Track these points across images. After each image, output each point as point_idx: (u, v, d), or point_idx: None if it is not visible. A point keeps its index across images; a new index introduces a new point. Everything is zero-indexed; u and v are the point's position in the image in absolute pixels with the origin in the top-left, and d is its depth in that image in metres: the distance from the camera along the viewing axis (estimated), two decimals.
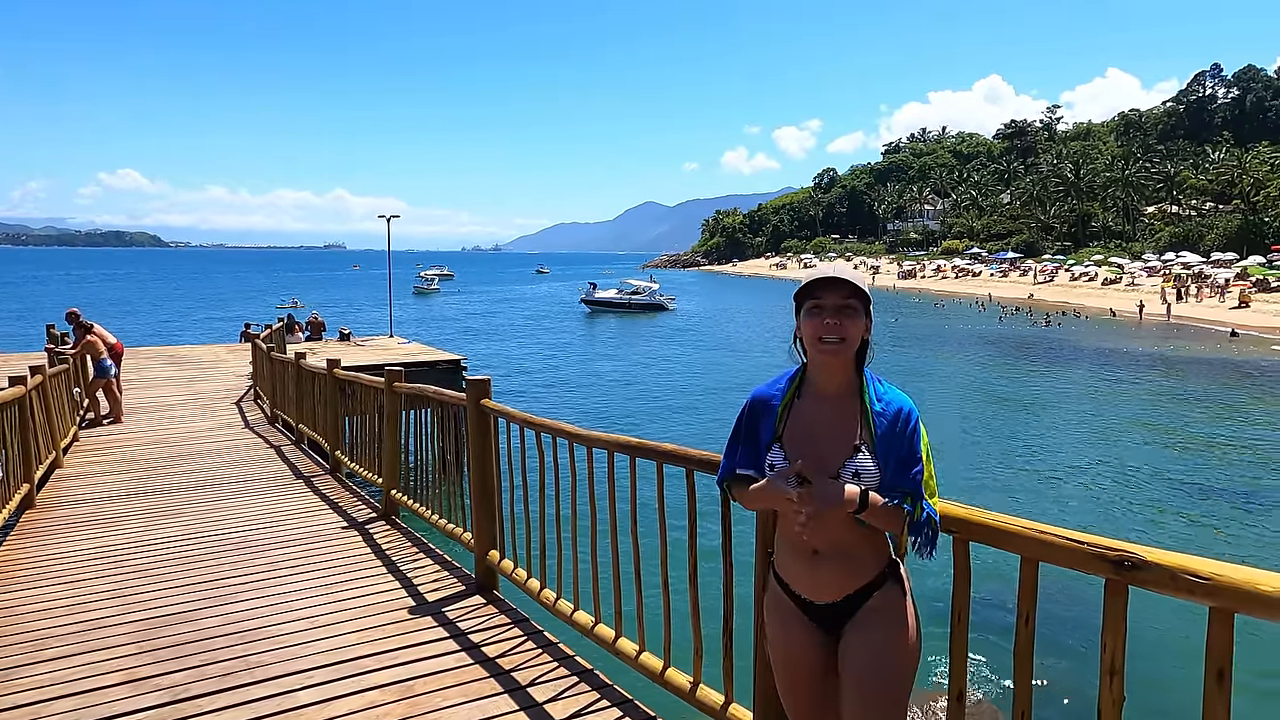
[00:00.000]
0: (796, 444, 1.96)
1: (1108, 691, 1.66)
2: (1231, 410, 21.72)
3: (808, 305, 1.96)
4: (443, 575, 4.90)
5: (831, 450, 1.93)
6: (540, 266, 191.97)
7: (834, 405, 1.97)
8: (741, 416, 2.11)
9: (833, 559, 1.95)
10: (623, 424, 19.67)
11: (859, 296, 1.94)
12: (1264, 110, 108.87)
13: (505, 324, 50.10)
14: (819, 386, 2.00)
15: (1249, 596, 1.40)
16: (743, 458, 2.09)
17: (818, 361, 1.97)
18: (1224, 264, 61.96)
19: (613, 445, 3.25)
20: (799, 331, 1.99)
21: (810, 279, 1.96)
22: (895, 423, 1.92)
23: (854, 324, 1.92)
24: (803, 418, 1.99)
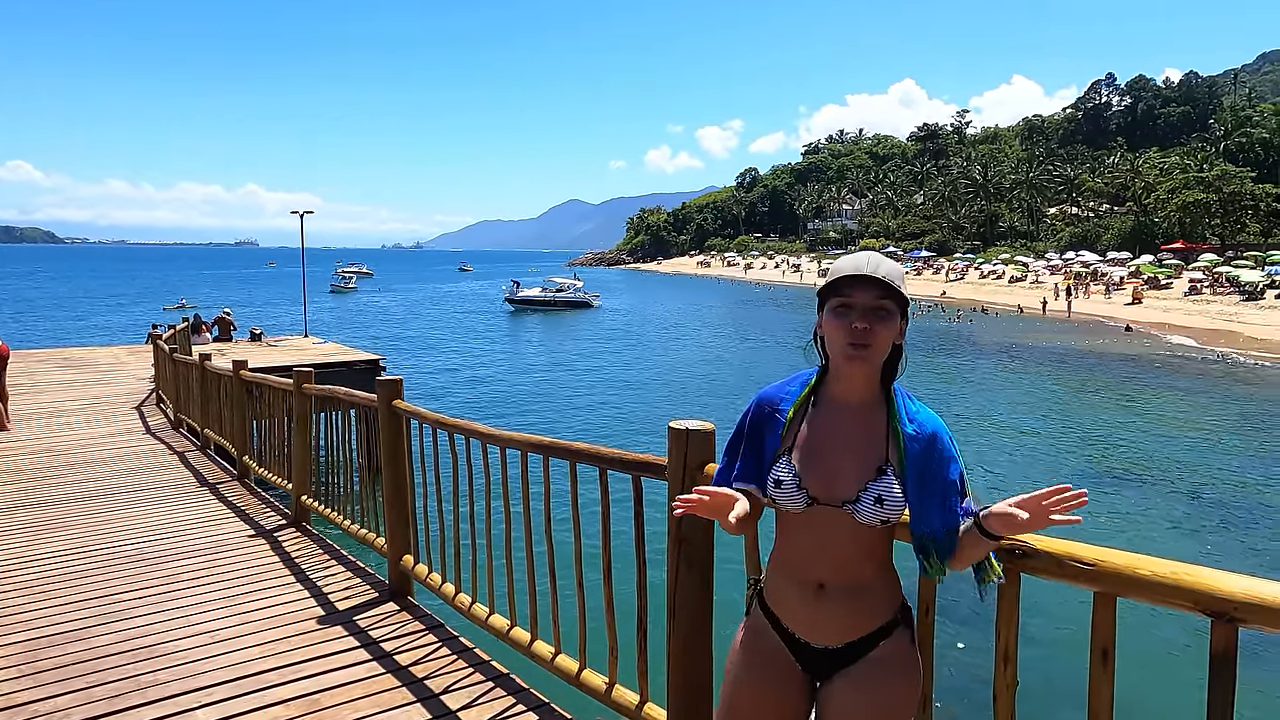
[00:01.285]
0: (813, 459, 1.68)
1: (1002, 677, 1.70)
2: (1127, 400, 22.99)
3: (833, 304, 1.67)
4: (355, 583, 4.75)
5: (850, 469, 1.65)
6: (463, 264, 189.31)
7: (856, 417, 1.70)
8: (745, 420, 1.81)
9: (841, 595, 1.67)
10: (547, 423, 19.54)
11: (895, 297, 1.64)
12: (1153, 118, 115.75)
13: (427, 323, 49.16)
14: (839, 395, 1.72)
15: (1129, 580, 1.45)
16: (743, 468, 1.78)
17: (841, 370, 1.69)
18: (1119, 263, 65.62)
19: (525, 445, 3.20)
20: (820, 329, 1.73)
21: (838, 275, 1.66)
22: (931, 449, 1.65)
23: (886, 328, 1.63)
24: (818, 428, 1.71)
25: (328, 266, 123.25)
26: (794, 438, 1.72)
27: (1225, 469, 15.62)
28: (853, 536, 1.65)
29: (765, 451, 1.75)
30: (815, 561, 1.67)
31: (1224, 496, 13.83)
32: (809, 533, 1.68)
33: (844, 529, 1.65)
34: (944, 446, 1.66)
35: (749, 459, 1.78)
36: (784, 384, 1.81)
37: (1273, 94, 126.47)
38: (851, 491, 1.64)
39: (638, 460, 2.64)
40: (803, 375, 1.80)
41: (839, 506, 1.64)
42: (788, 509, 1.69)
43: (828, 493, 1.65)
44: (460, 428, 3.71)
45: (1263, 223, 65.60)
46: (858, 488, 1.63)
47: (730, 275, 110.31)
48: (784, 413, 1.75)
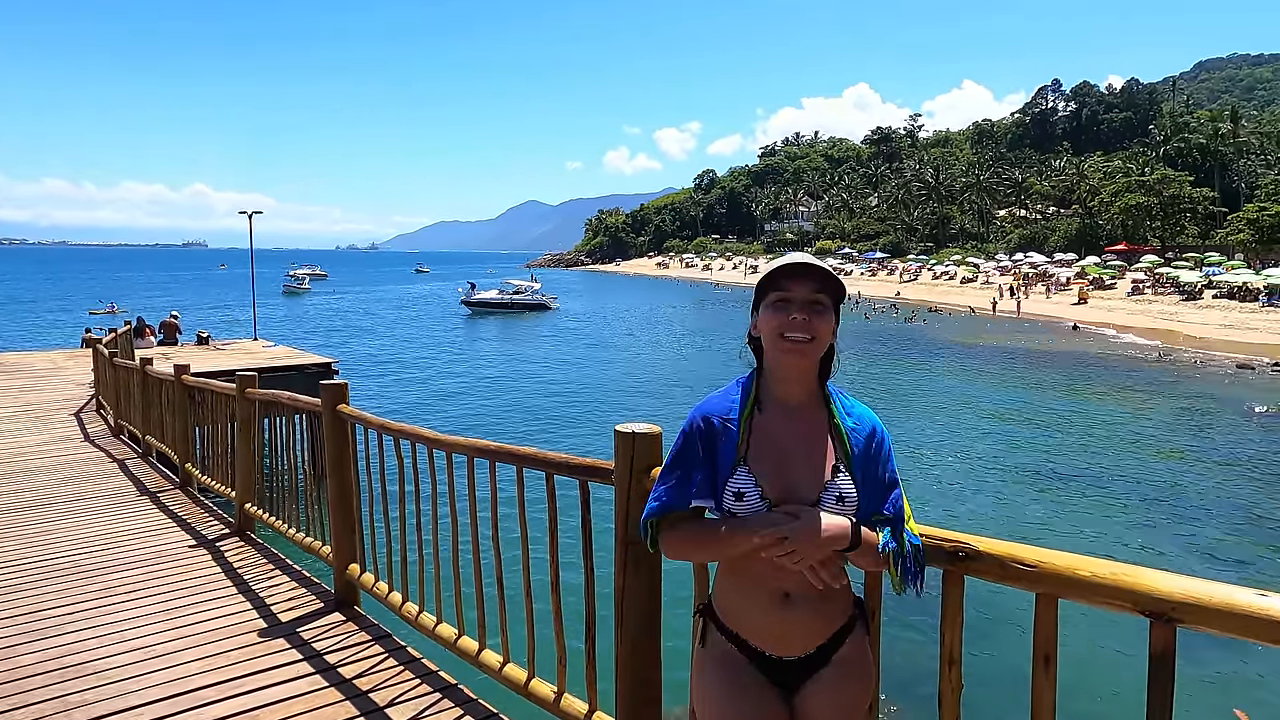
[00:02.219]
0: (768, 465, 1.65)
1: (947, 680, 1.69)
2: (1073, 397, 23.57)
3: (772, 298, 1.66)
4: (300, 593, 4.61)
5: (809, 471, 1.64)
6: (419, 265, 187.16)
7: (801, 417, 1.69)
8: (692, 437, 1.71)
9: (807, 603, 1.64)
10: (502, 427, 19.36)
11: (831, 291, 1.65)
12: (1097, 123, 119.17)
13: (381, 325, 48.46)
14: (780, 395, 1.70)
15: (1070, 582, 1.44)
16: (700, 488, 1.70)
17: (778, 363, 1.67)
18: (1065, 264, 67.38)
19: (471, 450, 3.12)
20: (755, 328, 1.71)
21: (776, 266, 1.67)
22: (870, 442, 1.68)
23: (824, 322, 1.64)
24: (768, 433, 1.68)
25: (281, 268, 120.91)
26: (746, 445, 1.68)
27: (1167, 465, 16.08)
28: None
29: (720, 466, 1.68)
30: (778, 572, 1.61)
31: (1167, 493, 14.24)
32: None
33: None
34: (879, 437, 1.70)
35: (704, 476, 1.70)
36: (725, 394, 1.75)
37: (1209, 101, 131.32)
38: (813, 493, 1.63)
39: (584, 464, 2.59)
40: (741, 382, 1.75)
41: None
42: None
43: (789, 498, 1.63)
44: (405, 432, 3.62)
45: (1200, 225, 67.90)
46: (818, 489, 1.63)
47: (690, 276, 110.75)
48: (735, 423, 1.69)
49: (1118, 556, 1.44)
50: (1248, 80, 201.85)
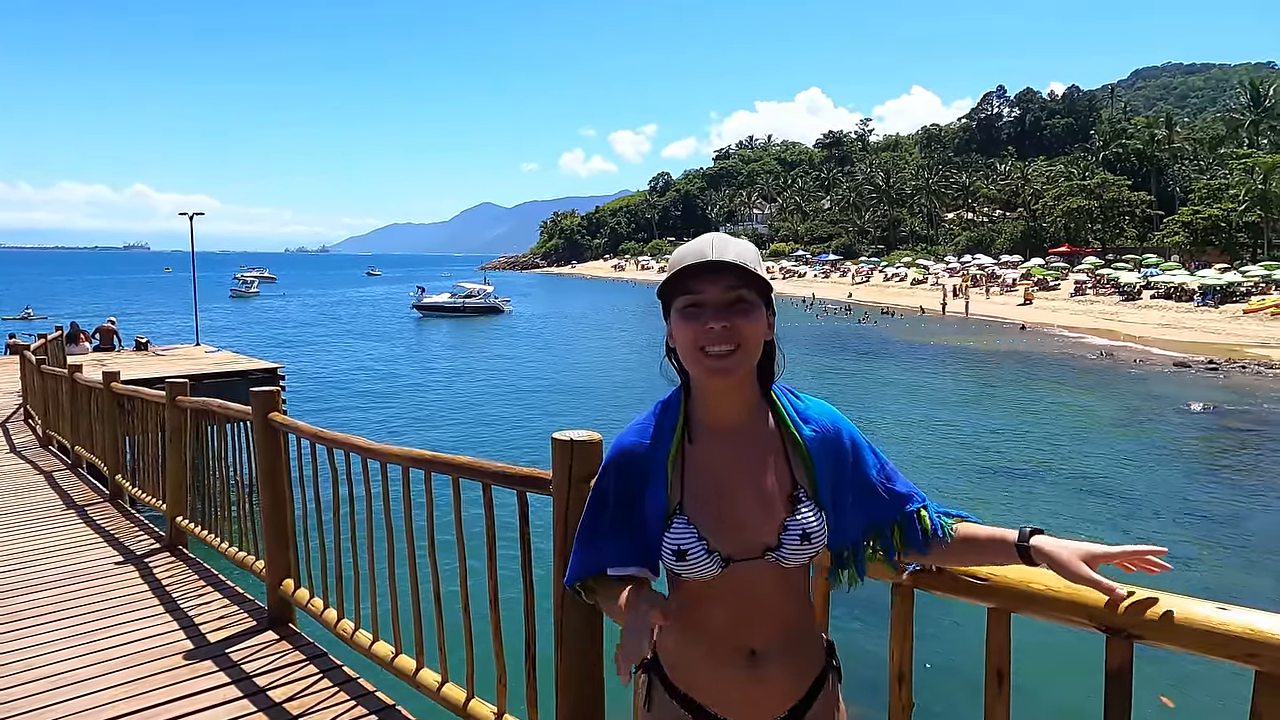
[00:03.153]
0: (706, 509, 1.35)
1: (896, 698, 1.61)
2: (1022, 395, 24.06)
3: (680, 304, 1.33)
4: (232, 611, 4.39)
5: (760, 508, 1.35)
6: (371, 269, 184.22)
7: (744, 441, 1.38)
8: (605, 484, 1.43)
9: (778, 656, 1.37)
10: (452, 435, 19.06)
11: (753, 283, 1.31)
12: (1040, 128, 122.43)
13: (331, 330, 47.50)
14: (712, 419, 1.38)
15: (1022, 595, 1.37)
16: (617, 550, 1.41)
17: (704, 385, 1.36)
18: (1011, 265, 69.11)
19: (406, 460, 2.97)
20: (671, 341, 1.38)
21: (678, 265, 1.33)
22: (837, 445, 1.40)
23: (750, 324, 1.30)
24: (704, 468, 1.37)
25: (228, 271, 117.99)
26: (679, 489, 1.36)
27: (1111, 461, 16.48)
28: (778, 585, 1.37)
29: (648, 517, 1.37)
30: (740, 627, 1.36)
31: (1111, 488, 14.57)
32: (727, 597, 1.35)
33: (767, 580, 1.36)
34: (849, 436, 1.42)
35: (626, 533, 1.40)
36: (643, 423, 1.43)
37: (1145, 108, 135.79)
38: (771, 536, 1.34)
39: (521, 474, 2.47)
40: (663, 404, 1.44)
41: (759, 557, 1.34)
42: (698, 579, 1.34)
43: (743, 546, 1.34)
44: (338, 441, 3.45)
45: (1138, 228, 70.16)
46: (777, 529, 1.34)
47: (646, 279, 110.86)
48: (661, 461, 1.38)
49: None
50: (1181, 88, 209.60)
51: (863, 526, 1.44)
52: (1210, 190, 62.30)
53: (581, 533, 1.48)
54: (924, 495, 1.45)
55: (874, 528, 1.44)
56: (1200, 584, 10.29)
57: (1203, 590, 10.07)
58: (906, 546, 1.44)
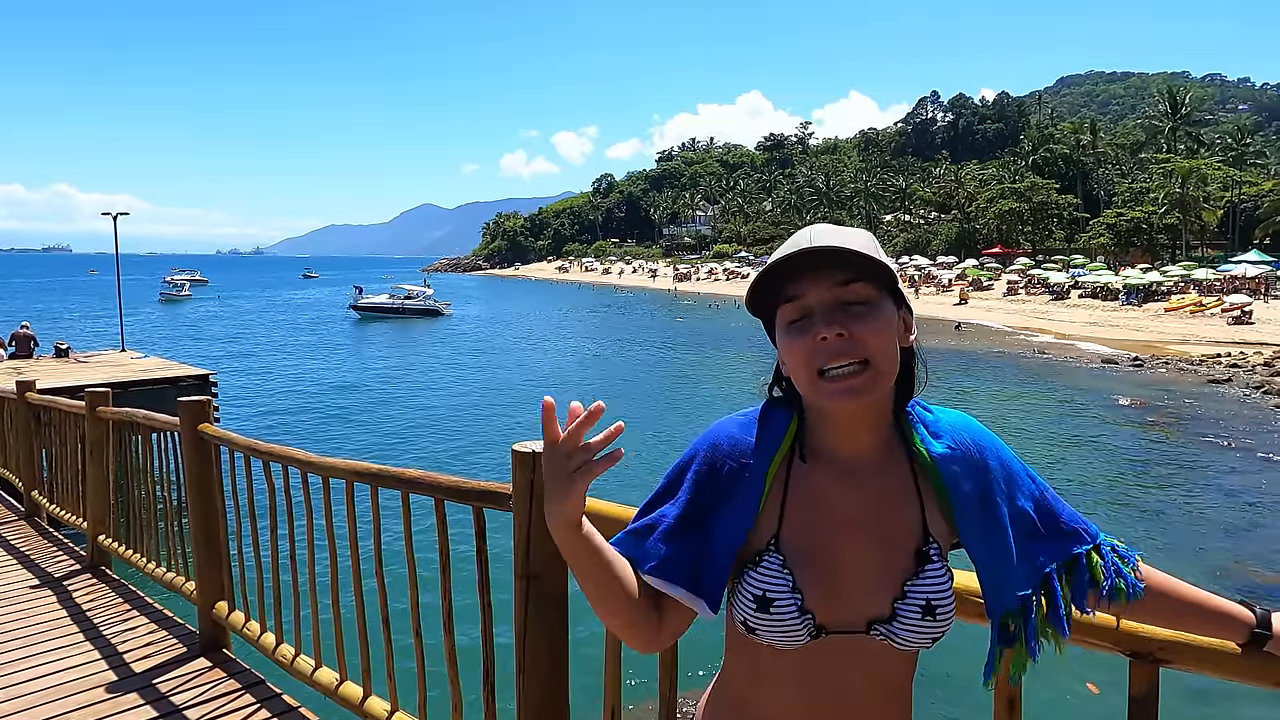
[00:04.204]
0: (810, 552, 1.04)
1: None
2: (959, 393, 24.61)
3: (784, 314, 1.05)
4: (160, 636, 4.10)
5: (875, 567, 1.04)
6: (308, 270, 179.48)
7: (866, 475, 1.07)
8: (683, 472, 1.12)
9: (877, 703, 1.07)
10: (393, 445, 18.59)
11: (870, 274, 1.02)
12: (973, 133, 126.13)
13: (266, 334, 46.02)
14: (835, 445, 1.08)
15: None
16: (669, 554, 1.07)
17: (830, 413, 1.06)
18: (947, 266, 70.99)
19: (350, 473, 2.78)
20: (783, 365, 1.08)
21: (770, 266, 1.03)
22: (981, 469, 1.07)
23: (876, 328, 1.01)
24: (815, 500, 1.06)
25: (158, 274, 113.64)
26: (778, 518, 1.06)
27: (1045, 456, 16.92)
28: (875, 675, 1.05)
29: (717, 538, 1.06)
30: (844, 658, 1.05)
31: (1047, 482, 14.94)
32: (805, 683, 1.05)
33: (863, 666, 1.05)
34: (995, 455, 1.08)
35: (688, 541, 1.07)
36: (749, 421, 1.11)
37: (1070, 114, 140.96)
38: (882, 604, 1.02)
39: (478, 489, 2.30)
40: (775, 408, 1.12)
41: (864, 631, 1.03)
42: (778, 643, 1.03)
43: (842, 613, 1.03)
44: (275, 454, 3.23)
45: (1066, 229, 72.72)
46: (891, 595, 1.02)
47: (591, 280, 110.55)
48: (759, 472, 1.06)
49: None
50: (1104, 95, 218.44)
51: (1030, 578, 1.07)
52: (1132, 194, 65.05)
53: (642, 513, 1.13)
54: (1097, 530, 1.12)
55: (1042, 579, 1.08)
56: None
57: None
58: (1078, 601, 1.09)
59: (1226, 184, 61.38)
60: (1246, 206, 62.71)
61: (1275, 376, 25.40)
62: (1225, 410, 21.20)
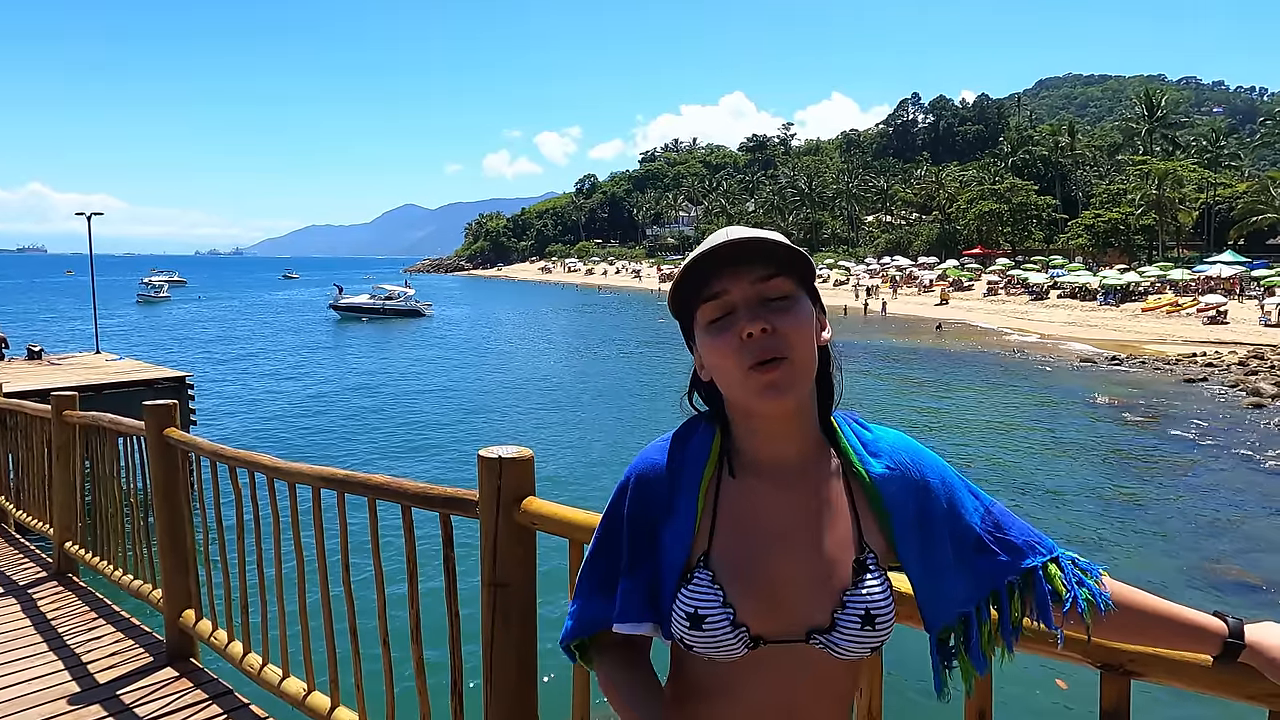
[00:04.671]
0: (742, 566, 1.03)
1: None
2: (942, 391, 24.77)
3: (705, 313, 1.03)
4: (126, 646, 4.00)
5: (812, 577, 1.03)
6: (288, 271, 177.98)
7: (798, 485, 1.05)
8: (618, 511, 1.11)
9: (821, 710, 1.06)
10: (368, 450, 18.45)
11: (789, 267, 1.02)
12: (953, 135, 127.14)
13: (244, 335, 45.57)
14: (763, 455, 1.06)
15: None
16: (630, 599, 1.07)
17: (755, 416, 1.04)
18: (928, 266, 71.47)
19: (316, 480, 2.72)
20: (701, 368, 1.08)
21: (694, 256, 1.02)
22: (920, 488, 1.06)
23: (795, 322, 1.00)
24: (746, 514, 1.05)
25: (136, 275, 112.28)
26: (709, 535, 1.05)
27: (1026, 455, 17.05)
28: (818, 683, 1.04)
29: (664, 564, 1.05)
30: (782, 683, 1.04)
31: (1028, 480, 15.05)
32: (749, 692, 1.04)
33: (805, 675, 1.04)
34: (937, 474, 1.07)
35: (639, 580, 1.07)
36: (669, 444, 1.10)
37: (1049, 116, 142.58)
38: (823, 614, 1.01)
39: (444, 495, 2.25)
40: (693, 425, 1.12)
41: (803, 640, 1.02)
42: (715, 657, 1.02)
43: (781, 623, 1.02)
44: (242, 460, 3.16)
45: (1045, 230, 73.49)
46: (831, 605, 1.01)
47: (574, 281, 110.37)
48: (690, 491, 1.05)
49: None
50: (1082, 98, 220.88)
51: (972, 593, 1.06)
52: (1110, 195, 65.77)
53: (584, 576, 1.14)
54: (1053, 544, 1.09)
55: (986, 595, 1.06)
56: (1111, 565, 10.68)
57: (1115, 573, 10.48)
58: (1034, 616, 1.06)
59: (1202, 185, 62.21)
60: (1221, 208, 63.58)
61: (1250, 375, 25.74)
62: (1201, 409, 21.45)
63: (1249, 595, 9.92)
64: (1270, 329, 37.00)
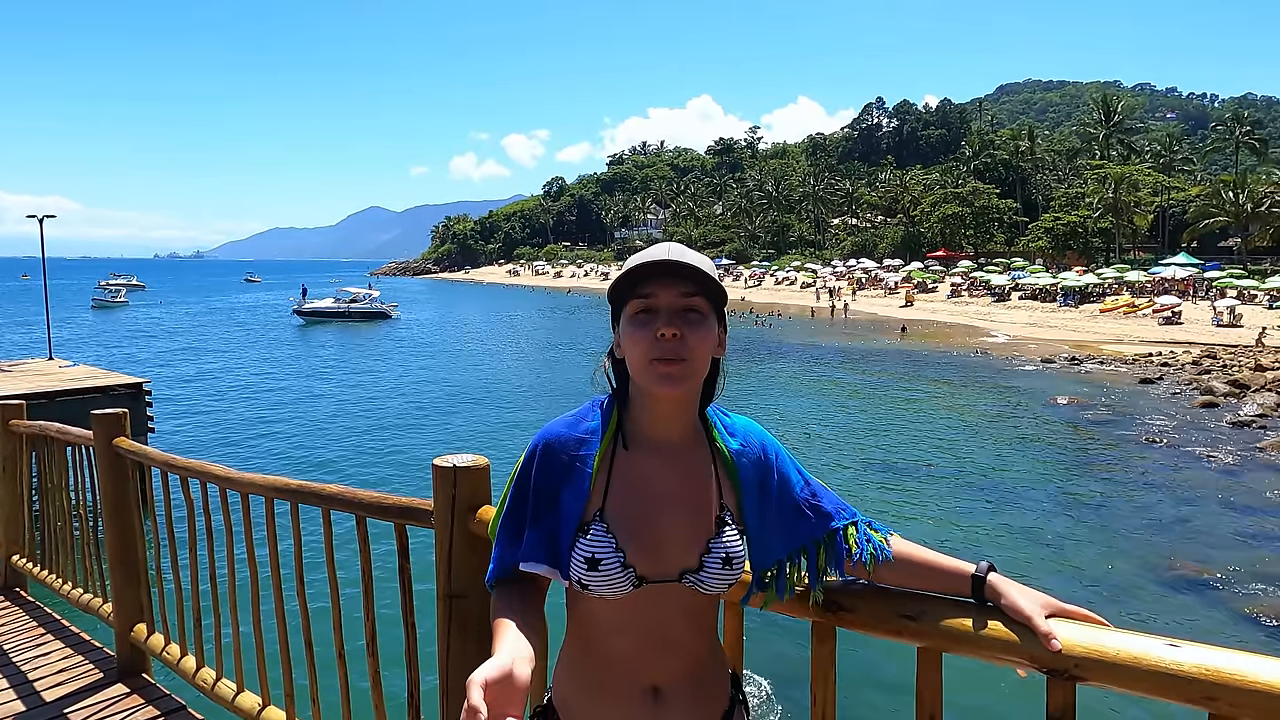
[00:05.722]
0: (628, 521, 1.27)
1: None
2: (906, 392, 25.06)
3: (633, 307, 1.26)
4: (76, 662, 3.89)
5: (684, 528, 1.28)
6: (250, 275, 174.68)
7: (677, 457, 1.31)
8: (528, 474, 1.32)
9: (685, 696, 1.29)
10: (330, 458, 18.20)
11: (708, 293, 1.26)
12: (917, 139, 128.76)
13: (204, 340, 44.67)
14: (651, 431, 1.31)
15: (954, 634, 1.25)
16: (533, 545, 1.29)
17: (650, 396, 1.28)
18: (893, 268, 72.36)
19: (269, 489, 2.66)
20: (618, 347, 1.31)
21: (634, 264, 1.25)
22: (764, 460, 1.34)
23: (700, 336, 1.24)
24: (632, 479, 1.29)
25: (93, 279, 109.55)
26: (603, 495, 1.28)
27: (989, 454, 17.32)
28: (689, 616, 1.29)
29: (563, 518, 1.27)
30: (645, 659, 1.28)
31: (992, 480, 15.29)
32: (634, 626, 1.27)
33: (678, 608, 1.28)
34: (774, 453, 1.36)
35: (541, 529, 1.28)
36: (576, 419, 1.34)
37: (1009, 121, 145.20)
38: (691, 558, 1.26)
39: (399, 505, 2.21)
40: (597, 405, 1.35)
41: (677, 580, 1.26)
42: (607, 594, 1.24)
43: (659, 566, 1.26)
44: (193, 470, 3.08)
45: (1006, 233, 74.76)
46: (698, 551, 1.27)
47: (542, 284, 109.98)
48: (588, 460, 1.28)
49: (946, 548, 1.25)
50: (1041, 103, 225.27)
51: (787, 546, 1.36)
52: (1069, 198, 67.14)
53: (501, 528, 1.36)
54: (855, 511, 1.38)
55: (799, 547, 1.36)
56: (1071, 563, 10.92)
57: (1077, 571, 10.71)
58: (832, 566, 1.36)
59: (1156, 189, 63.73)
60: (1175, 211, 65.23)
61: (1203, 375, 26.41)
62: (1156, 408, 21.96)
63: (1201, 589, 10.17)
64: (1222, 329, 38.03)
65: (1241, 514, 13.15)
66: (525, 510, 1.31)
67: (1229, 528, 12.52)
